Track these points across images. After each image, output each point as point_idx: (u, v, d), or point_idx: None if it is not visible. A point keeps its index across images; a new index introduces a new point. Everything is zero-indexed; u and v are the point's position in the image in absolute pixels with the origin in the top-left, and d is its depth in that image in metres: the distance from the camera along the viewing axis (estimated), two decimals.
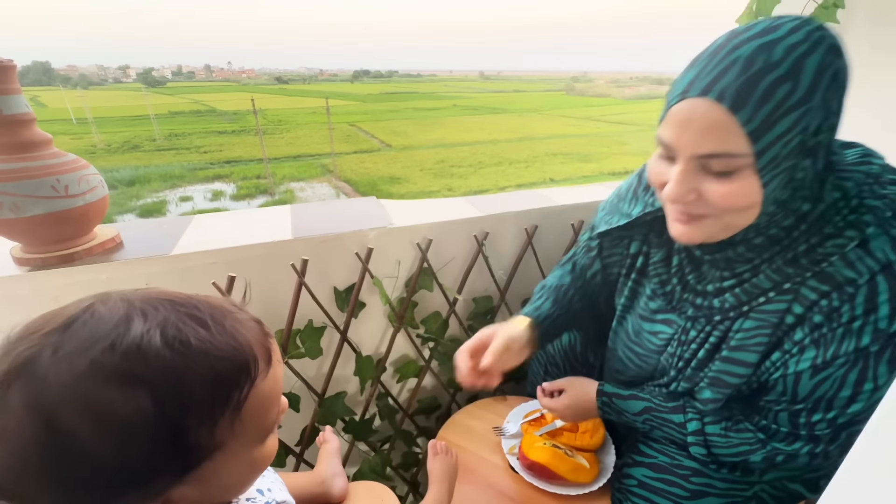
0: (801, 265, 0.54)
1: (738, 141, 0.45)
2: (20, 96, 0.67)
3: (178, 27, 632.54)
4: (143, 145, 23.47)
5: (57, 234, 0.72)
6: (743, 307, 0.59)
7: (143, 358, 0.28)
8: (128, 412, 0.27)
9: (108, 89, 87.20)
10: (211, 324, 0.31)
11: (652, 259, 0.70)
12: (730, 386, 0.60)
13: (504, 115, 39.75)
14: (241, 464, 0.34)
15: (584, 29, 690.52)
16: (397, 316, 0.95)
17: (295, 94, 65.32)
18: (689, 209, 0.53)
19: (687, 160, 0.49)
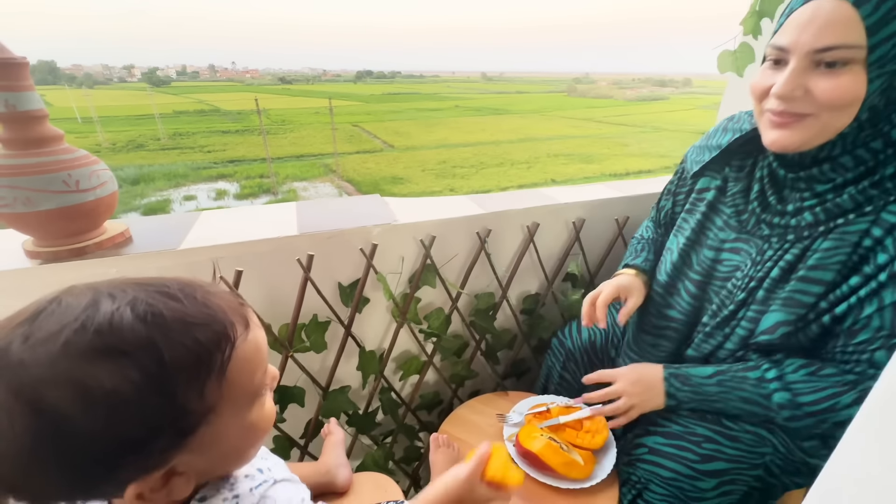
0: (886, 188, 0.57)
1: (857, 33, 0.51)
2: (33, 93, 0.68)
3: (183, 27, 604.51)
4: (148, 144, 23.58)
5: (68, 228, 0.73)
6: (820, 227, 0.61)
7: (118, 332, 0.28)
8: (112, 384, 0.27)
9: (113, 89, 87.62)
10: (181, 296, 0.32)
11: (729, 192, 0.73)
12: (804, 305, 0.61)
13: (506, 116, 39.75)
14: (237, 428, 0.35)
15: (586, 31, 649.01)
16: (400, 311, 0.96)
17: (298, 94, 65.49)
18: (793, 107, 0.57)
19: (802, 57, 0.54)
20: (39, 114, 0.69)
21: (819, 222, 0.61)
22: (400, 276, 0.96)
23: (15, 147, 0.68)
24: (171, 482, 0.33)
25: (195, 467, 0.34)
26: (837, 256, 0.59)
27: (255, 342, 0.36)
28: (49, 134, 0.70)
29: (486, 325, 1.05)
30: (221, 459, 0.36)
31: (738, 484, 0.67)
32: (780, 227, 0.65)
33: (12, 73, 0.65)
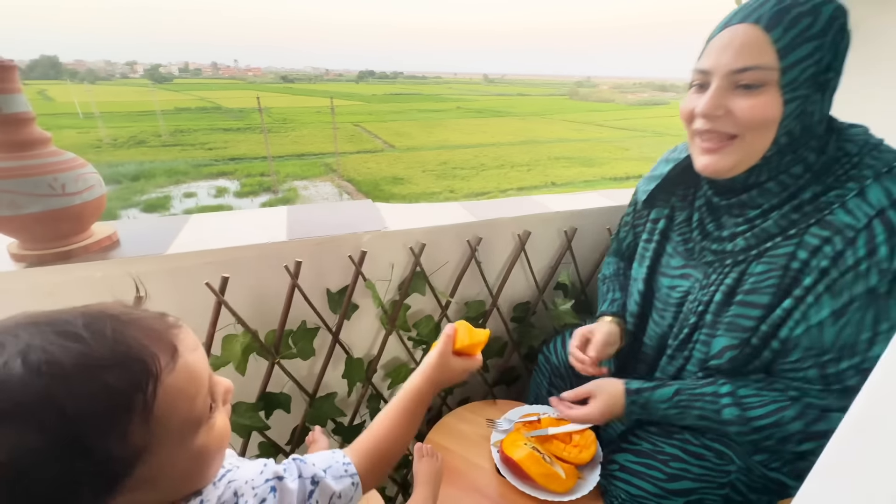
0: (806, 212, 0.60)
1: (769, 55, 0.55)
2: (20, 95, 0.68)
3: (186, 24, 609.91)
4: (149, 141, 23.59)
5: (54, 231, 0.73)
6: (752, 251, 0.64)
7: (6, 391, 0.26)
8: (9, 453, 0.25)
9: (115, 84, 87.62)
10: (86, 335, 0.29)
11: (676, 220, 0.78)
12: (745, 329, 0.64)
13: (507, 118, 39.80)
14: (183, 457, 0.33)
15: (588, 34, 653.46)
16: (389, 319, 0.95)
17: (300, 93, 65.54)
18: (717, 125, 0.60)
19: (722, 78, 0.59)
20: (26, 116, 0.69)
21: (751, 247, 0.64)
22: (389, 283, 0.96)
23: (1, 150, 0.67)
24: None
25: (147, 501, 0.33)
26: (770, 280, 0.62)
27: (188, 370, 0.33)
28: (36, 136, 0.70)
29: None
30: (172, 489, 0.35)
31: (706, 503, 0.67)
32: (719, 254, 0.68)
33: (0, 75, 0.65)
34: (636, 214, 0.88)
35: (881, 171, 0.57)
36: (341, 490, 0.42)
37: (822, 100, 0.58)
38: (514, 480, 0.77)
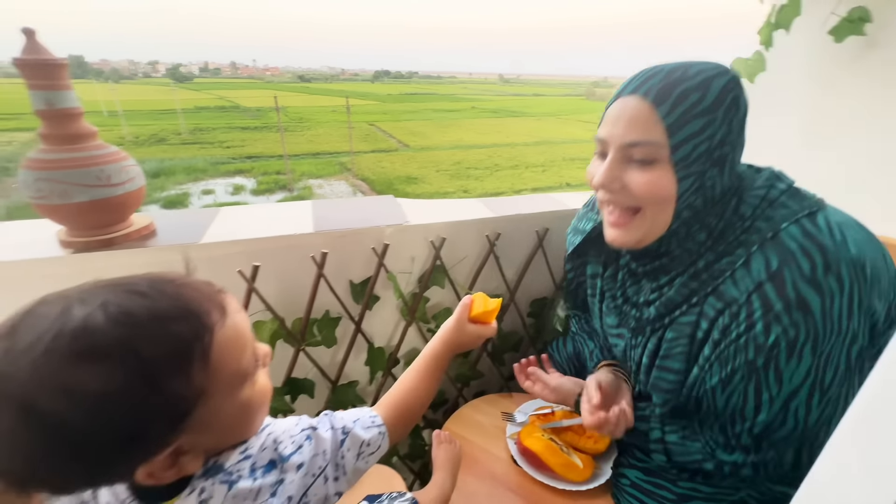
0: (703, 280, 0.60)
1: (658, 132, 0.54)
2: (71, 92, 0.73)
3: (207, 25, 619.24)
4: (169, 139, 24.13)
5: (99, 220, 0.77)
6: (664, 318, 0.65)
7: (92, 335, 0.29)
8: (97, 384, 0.29)
9: (138, 84, 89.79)
10: (151, 293, 0.33)
11: (608, 276, 0.77)
12: (665, 391, 0.66)
13: (522, 118, 39.61)
14: (232, 407, 0.37)
15: (606, 34, 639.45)
16: (409, 310, 0.98)
17: (317, 92, 66.23)
18: (617, 199, 0.60)
19: (616, 149, 0.57)
20: (76, 111, 0.73)
21: (662, 315, 0.65)
22: (410, 276, 0.99)
23: (53, 143, 0.72)
24: (179, 461, 0.35)
25: (200, 445, 0.36)
26: (678, 347, 0.63)
27: (236, 326, 0.37)
28: (84, 130, 0.74)
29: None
30: (224, 435, 0.38)
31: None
32: (639, 320, 0.69)
33: (53, 72, 0.70)
34: (576, 270, 0.86)
35: (766, 238, 0.56)
36: (370, 438, 0.46)
37: (721, 174, 0.56)
38: (532, 471, 0.79)
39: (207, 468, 0.37)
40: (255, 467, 0.38)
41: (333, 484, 0.42)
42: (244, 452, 0.39)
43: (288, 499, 0.38)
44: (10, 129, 25.35)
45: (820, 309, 0.52)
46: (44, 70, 0.69)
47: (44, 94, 0.70)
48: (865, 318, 0.55)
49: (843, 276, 0.53)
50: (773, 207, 0.58)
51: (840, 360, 0.55)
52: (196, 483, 0.36)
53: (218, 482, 0.36)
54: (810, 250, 0.54)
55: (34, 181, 0.70)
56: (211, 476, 0.37)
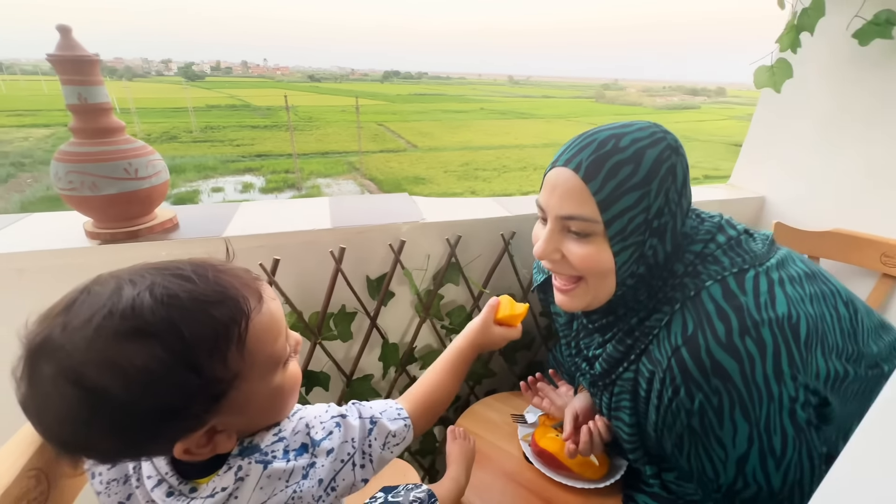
0: (636, 337, 0.60)
1: (590, 207, 0.53)
2: (102, 87, 0.75)
3: (219, 24, 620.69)
4: (181, 136, 24.41)
5: (125, 212, 0.79)
6: (610, 374, 0.65)
7: (140, 315, 0.31)
8: (142, 361, 0.31)
9: (151, 82, 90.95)
10: (195, 277, 0.35)
11: (559, 321, 0.77)
12: (626, 442, 0.66)
13: (531, 120, 39.52)
14: (265, 390, 0.38)
15: (617, 35, 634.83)
16: (424, 307, 0.99)
17: (326, 92, 66.64)
18: (558, 269, 0.59)
19: (553, 220, 0.57)
20: (106, 106, 0.75)
21: (606, 372, 0.65)
22: (425, 273, 1.00)
23: (84, 136, 0.74)
24: (214, 439, 0.37)
25: (234, 426, 0.38)
26: (623, 401, 0.63)
27: (271, 313, 0.38)
28: (113, 125, 0.76)
29: None
30: (257, 417, 0.40)
31: None
32: (592, 375, 0.68)
33: (86, 68, 0.72)
34: (543, 299, 0.86)
35: (688, 297, 0.55)
36: (396, 430, 0.47)
37: (663, 241, 0.55)
38: (548, 471, 0.79)
39: (243, 448, 0.39)
40: (289, 449, 0.40)
41: (360, 471, 0.43)
42: (278, 435, 0.40)
43: (318, 481, 0.40)
44: (26, 125, 25.79)
45: (739, 374, 0.51)
46: (77, 66, 0.71)
47: (76, 89, 0.72)
48: (806, 378, 0.52)
49: (764, 338, 0.51)
50: (705, 263, 0.56)
51: (785, 426, 0.52)
52: (233, 461, 0.38)
53: (254, 461, 0.38)
54: (727, 312, 0.52)
55: (66, 173, 0.73)
56: (247, 455, 0.38)
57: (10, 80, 66.58)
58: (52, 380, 0.30)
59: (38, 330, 0.32)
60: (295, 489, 0.38)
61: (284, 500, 0.38)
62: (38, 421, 0.32)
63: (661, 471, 0.68)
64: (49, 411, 0.31)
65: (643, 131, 0.54)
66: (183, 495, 0.38)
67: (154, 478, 0.39)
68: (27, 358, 0.31)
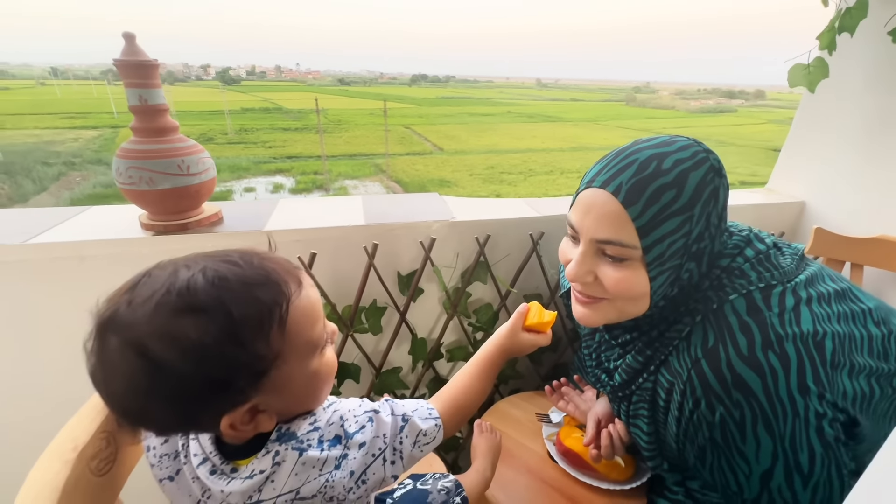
0: (656, 348, 0.59)
1: (629, 233, 0.51)
2: (160, 90, 0.81)
3: (255, 30, 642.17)
4: (217, 138, 25.39)
5: (177, 206, 0.85)
6: (630, 385, 0.64)
7: (194, 294, 0.35)
8: (196, 335, 0.34)
9: (190, 86, 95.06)
10: (242, 263, 0.38)
11: (583, 331, 0.77)
12: (645, 450, 0.66)
13: (559, 123, 39.07)
14: (302, 373, 0.40)
15: (650, 35, 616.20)
16: (452, 304, 1.01)
17: (355, 95, 67.91)
18: (588, 290, 0.58)
19: (587, 242, 0.55)
20: (163, 107, 0.81)
21: (626, 382, 0.64)
22: (454, 271, 1.02)
23: (143, 135, 0.80)
24: (256, 418, 0.39)
25: (273, 407, 0.40)
26: (642, 410, 0.63)
27: (310, 299, 0.41)
28: (169, 125, 0.82)
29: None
30: (294, 400, 0.42)
31: None
32: (612, 387, 0.68)
33: (146, 72, 0.78)
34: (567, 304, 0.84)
35: (710, 309, 0.54)
36: (427, 429, 0.48)
37: (699, 265, 0.54)
38: (573, 470, 0.79)
39: (281, 434, 0.41)
40: (323, 439, 0.42)
41: (390, 467, 0.44)
42: (313, 424, 0.42)
43: (350, 473, 0.41)
44: (77, 126, 27.41)
45: (762, 388, 0.49)
46: (140, 70, 0.77)
47: (138, 91, 0.78)
48: (834, 397, 0.51)
49: (787, 353, 0.50)
50: (731, 276, 0.55)
51: (812, 443, 0.50)
52: (271, 446, 0.40)
53: (291, 448, 0.40)
54: (749, 325, 0.51)
55: (126, 169, 0.79)
56: (284, 441, 0.40)
57: (65, 85, 71.02)
58: (119, 350, 0.34)
59: (106, 307, 0.35)
60: (328, 478, 0.40)
61: (317, 488, 0.39)
62: (104, 389, 0.35)
63: (685, 479, 0.67)
64: (115, 380, 0.35)
65: (685, 151, 0.52)
66: (224, 474, 0.40)
67: (200, 455, 0.42)
68: (97, 331, 0.35)
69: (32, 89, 60.99)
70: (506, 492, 0.78)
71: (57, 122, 28.53)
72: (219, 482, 0.40)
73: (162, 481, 0.43)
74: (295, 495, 0.39)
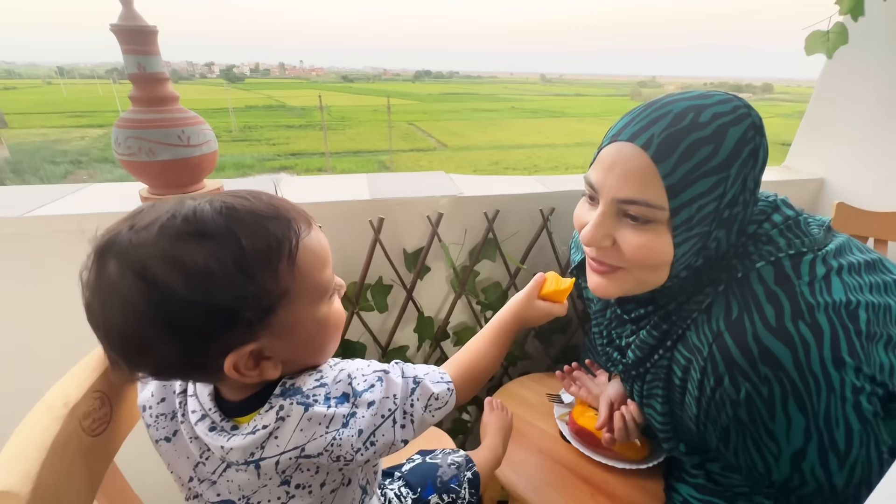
0: (673, 322, 0.55)
1: (656, 192, 0.47)
2: (159, 57, 0.78)
3: (258, 27, 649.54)
4: (221, 136, 25.53)
5: (177, 178, 0.83)
6: (644, 363, 0.61)
7: (201, 220, 0.33)
8: (203, 260, 0.32)
9: (195, 83, 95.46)
10: (250, 197, 0.36)
11: (592, 308, 0.73)
12: (660, 431, 0.64)
13: (563, 119, 38.87)
14: (310, 319, 0.39)
15: (655, 29, 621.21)
16: (460, 282, 0.99)
17: (359, 92, 67.93)
18: (603, 257, 0.54)
19: (608, 203, 0.50)
20: (162, 76, 0.79)
21: (639, 360, 0.61)
22: (461, 248, 0.99)
23: (142, 104, 0.78)
24: (261, 364, 0.37)
25: (279, 352, 0.38)
26: (656, 389, 0.60)
27: (319, 239, 0.39)
28: (169, 94, 0.80)
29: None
30: (301, 348, 0.39)
31: None
32: (624, 365, 0.65)
33: (145, 38, 0.75)
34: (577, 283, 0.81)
35: (734, 278, 0.50)
36: (439, 392, 0.45)
37: (729, 234, 0.50)
38: (587, 450, 0.77)
39: (285, 389, 0.39)
40: (330, 396, 0.39)
41: (400, 431, 0.42)
42: (319, 380, 0.40)
43: (358, 432, 0.39)
44: (83, 125, 27.61)
45: (792, 361, 0.46)
46: (137, 35, 0.75)
47: (136, 58, 0.75)
48: (871, 370, 0.47)
49: (819, 323, 0.46)
50: (758, 243, 0.51)
51: (849, 419, 0.47)
52: (275, 401, 0.38)
53: (296, 403, 0.38)
54: (777, 295, 0.48)
55: (125, 139, 0.76)
56: (289, 396, 0.38)
57: (71, 84, 71.50)
58: (119, 273, 0.32)
59: (105, 233, 0.33)
60: (335, 436, 0.37)
61: (324, 445, 0.37)
62: (101, 318, 0.33)
63: (705, 461, 0.64)
64: (114, 307, 0.32)
65: (725, 105, 0.47)
66: (224, 431, 0.38)
67: (198, 412, 0.40)
68: (95, 256, 0.33)
69: (39, 88, 61.51)
70: (517, 472, 0.75)
71: (63, 121, 28.77)
72: (219, 438, 0.37)
73: (158, 442, 0.41)
74: (300, 452, 0.36)
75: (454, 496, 0.62)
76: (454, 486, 0.62)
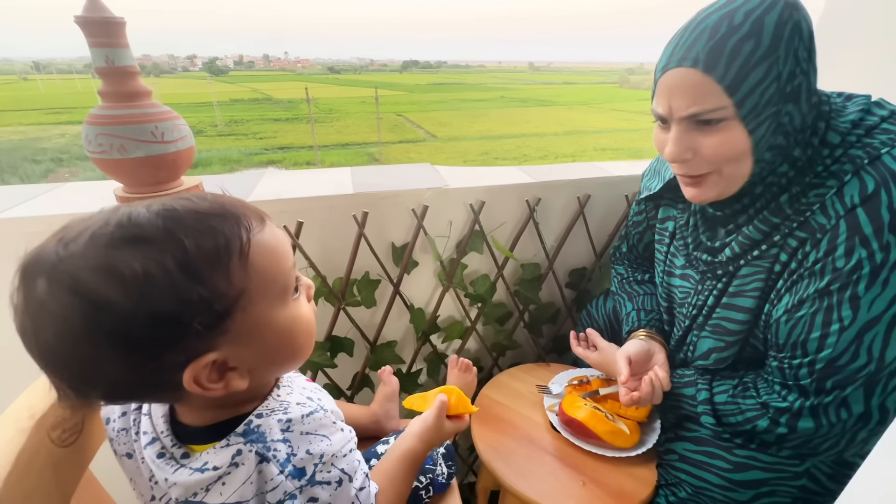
0: (786, 214, 0.57)
1: (717, 97, 0.51)
2: (128, 50, 0.75)
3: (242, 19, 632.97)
4: (206, 130, 25.00)
5: (153, 176, 0.80)
6: (740, 259, 0.63)
7: (136, 224, 0.31)
8: (140, 265, 0.29)
9: (177, 77, 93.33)
10: (193, 198, 0.34)
11: (679, 223, 0.75)
12: (730, 332, 0.64)
13: (552, 107, 38.76)
14: (275, 321, 0.36)
15: (642, 18, 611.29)
16: (447, 275, 0.98)
17: (346, 83, 66.95)
18: (690, 169, 0.58)
19: (678, 122, 0.56)
20: (132, 70, 0.76)
21: (738, 256, 0.63)
22: (448, 241, 0.98)
23: (112, 99, 0.75)
24: (226, 375, 0.35)
25: (245, 361, 0.35)
26: (754, 283, 0.61)
27: (274, 235, 0.37)
28: (140, 89, 0.77)
29: (531, 295, 1.06)
30: (268, 355, 0.37)
31: (779, 496, 0.62)
32: (710, 264, 0.67)
33: (112, 30, 0.72)
34: (645, 214, 0.85)
35: (862, 164, 0.52)
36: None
37: (798, 105, 0.53)
38: (577, 440, 0.77)
39: (249, 429, 0.36)
40: (289, 461, 0.36)
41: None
42: (286, 431, 0.37)
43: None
44: (62, 122, 26.90)
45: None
46: (104, 27, 0.71)
47: (104, 51, 0.72)
48: None
49: None
50: (871, 134, 0.53)
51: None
52: (234, 440, 0.36)
53: (255, 452, 0.35)
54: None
55: (95, 136, 0.74)
56: (250, 441, 0.36)
57: (48, 80, 69.53)
58: (48, 290, 0.29)
59: (32, 250, 0.31)
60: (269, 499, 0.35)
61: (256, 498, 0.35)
62: (35, 343, 0.30)
63: (714, 394, 0.66)
64: (47, 328, 0.29)
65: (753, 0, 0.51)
66: (174, 459, 0.36)
67: (149, 434, 0.37)
68: (21, 277, 0.30)
69: (15, 85, 59.69)
70: (507, 462, 0.76)
71: (42, 118, 27.98)
72: (164, 468, 0.35)
73: (121, 458, 0.39)
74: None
75: (430, 476, 0.64)
76: (429, 466, 0.64)
